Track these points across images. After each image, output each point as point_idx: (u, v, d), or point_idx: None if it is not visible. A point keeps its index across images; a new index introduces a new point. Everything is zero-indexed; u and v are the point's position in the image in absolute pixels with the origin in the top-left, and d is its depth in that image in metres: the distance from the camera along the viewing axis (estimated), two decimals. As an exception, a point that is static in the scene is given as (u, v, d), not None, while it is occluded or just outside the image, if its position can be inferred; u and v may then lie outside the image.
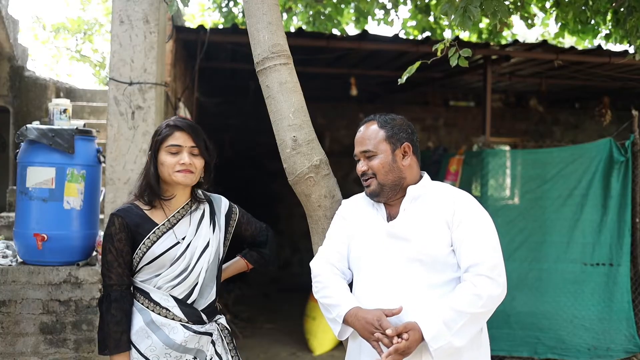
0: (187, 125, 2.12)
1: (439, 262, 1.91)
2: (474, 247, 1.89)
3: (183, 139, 2.10)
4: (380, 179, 2.00)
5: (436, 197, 2.00)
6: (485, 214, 1.99)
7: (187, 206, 2.16)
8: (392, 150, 2.02)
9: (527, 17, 5.49)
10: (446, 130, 8.88)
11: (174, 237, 2.10)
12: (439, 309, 1.81)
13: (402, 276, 1.91)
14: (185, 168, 2.08)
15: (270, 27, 2.34)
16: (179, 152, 2.09)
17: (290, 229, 8.42)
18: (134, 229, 2.06)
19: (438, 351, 1.78)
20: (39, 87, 5.53)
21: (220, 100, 8.45)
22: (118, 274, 2.04)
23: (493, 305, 1.86)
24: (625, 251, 4.87)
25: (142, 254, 2.06)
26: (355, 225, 2.08)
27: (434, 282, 1.89)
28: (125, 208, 2.11)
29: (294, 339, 5.72)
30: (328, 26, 7.35)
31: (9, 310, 3.47)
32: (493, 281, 1.84)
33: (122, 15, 3.64)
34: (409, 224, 1.96)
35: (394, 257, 1.94)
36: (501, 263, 1.90)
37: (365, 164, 2.04)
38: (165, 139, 2.09)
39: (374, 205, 2.09)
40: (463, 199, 1.99)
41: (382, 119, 2.06)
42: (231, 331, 2.25)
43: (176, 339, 2.05)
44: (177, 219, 2.13)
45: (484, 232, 1.93)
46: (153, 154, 2.10)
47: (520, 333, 5.08)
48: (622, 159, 4.86)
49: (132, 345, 2.06)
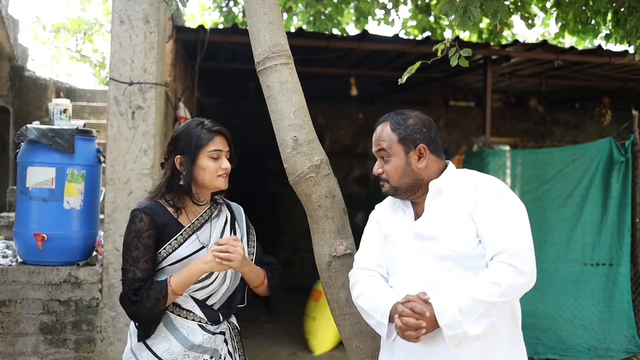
0: (224, 130, 2.10)
1: (469, 256, 1.84)
2: (495, 235, 1.80)
3: (222, 143, 2.08)
4: (394, 182, 1.96)
5: (459, 186, 1.93)
6: (512, 198, 1.89)
7: (209, 211, 2.14)
8: (406, 152, 1.95)
9: (528, 17, 5.49)
10: (446, 131, 8.87)
11: (198, 241, 2.07)
12: (456, 295, 1.76)
13: (434, 275, 1.86)
14: (225, 173, 2.07)
15: (271, 27, 2.34)
16: (219, 157, 2.07)
17: (290, 229, 8.42)
18: (161, 228, 2.02)
19: (452, 338, 1.75)
20: (39, 87, 5.53)
21: (220, 100, 8.45)
22: (144, 269, 1.99)
23: (515, 295, 1.80)
24: (625, 251, 4.86)
25: (167, 254, 2.03)
26: (387, 227, 2.04)
27: (469, 277, 1.82)
28: (150, 206, 2.05)
29: (294, 339, 5.71)
30: (328, 26, 7.35)
31: (9, 310, 3.47)
32: (515, 269, 1.75)
33: (122, 15, 3.64)
34: (434, 221, 1.91)
35: (424, 257, 1.89)
36: (526, 250, 1.80)
37: (380, 166, 2.00)
38: (206, 144, 2.05)
39: (401, 205, 2.05)
40: (484, 185, 1.91)
41: (395, 119, 1.99)
42: (239, 330, 2.24)
43: (195, 341, 2.04)
44: (200, 223, 2.10)
45: (507, 217, 1.83)
46: (191, 158, 2.04)
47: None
48: (622, 159, 4.86)
49: (147, 347, 2.03)
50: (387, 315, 1.83)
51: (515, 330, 1.93)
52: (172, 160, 2.08)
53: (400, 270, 1.96)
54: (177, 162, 2.07)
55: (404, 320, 1.74)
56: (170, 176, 2.08)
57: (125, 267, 2.00)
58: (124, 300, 1.99)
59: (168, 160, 2.11)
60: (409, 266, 1.93)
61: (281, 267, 2.30)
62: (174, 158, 2.08)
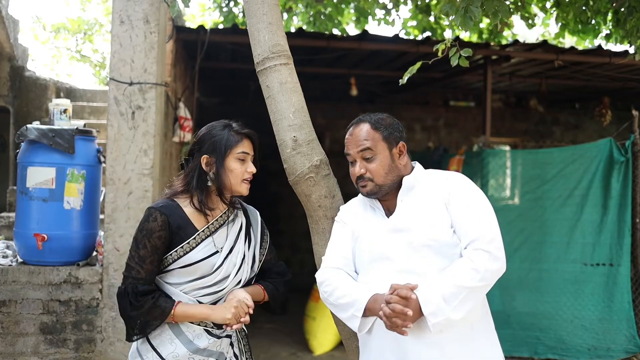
0: (252, 133, 2.09)
1: (445, 244, 1.90)
2: (470, 224, 1.90)
3: (250, 147, 2.08)
4: (379, 181, 2.00)
5: (431, 182, 2.02)
6: (479, 191, 2.00)
7: (225, 215, 2.11)
8: (390, 150, 2.02)
9: (528, 17, 5.49)
10: (446, 131, 8.88)
11: (213, 245, 2.04)
12: (437, 284, 1.81)
13: (411, 266, 1.90)
14: (250, 177, 2.07)
15: (270, 27, 2.34)
16: (246, 159, 2.06)
17: (290, 229, 8.42)
18: (175, 230, 1.99)
19: (436, 325, 1.79)
20: (39, 87, 5.53)
21: (220, 100, 8.45)
22: (149, 270, 1.96)
23: (492, 279, 1.86)
24: (625, 251, 4.87)
25: (178, 257, 1.99)
26: (357, 227, 2.07)
27: (444, 265, 1.88)
28: (168, 205, 2.01)
29: (294, 339, 5.71)
30: (328, 26, 7.35)
31: (9, 310, 3.47)
32: (490, 255, 1.84)
33: (122, 16, 3.64)
34: (409, 214, 1.97)
35: (400, 250, 1.93)
36: (498, 237, 1.90)
37: (363, 166, 2.01)
38: (235, 145, 2.03)
39: (370, 204, 2.09)
40: (456, 179, 2.01)
41: (374, 119, 2.05)
42: (246, 333, 2.23)
43: (200, 345, 2.02)
44: (216, 227, 2.07)
45: (479, 208, 1.93)
46: (221, 159, 2.02)
47: (521, 333, 5.08)
48: (622, 159, 4.86)
49: (153, 348, 2.01)
50: (362, 309, 1.88)
51: (486, 316, 2.00)
52: (197, 160, 2.04)
53: (374, 267, 1.98)
54: (203, 162, 2.03)
55: (391, 306, 1.76)
56: (197, 176, 2.03)
57: (130, 263, 1.98)
58: (123, 297, 1.96)
59: (192, 160, 2.07)
60: (383, 262, 1.96)
61: (290, 277, 2.27)
62: (199, 158, 2.04)
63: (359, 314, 1.89)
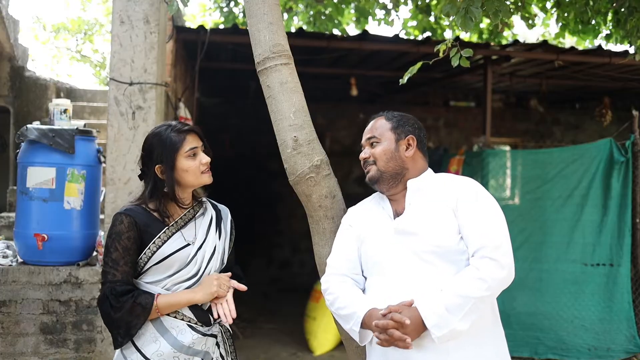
0: (194, 127, 2.12)
1: (451, 251, 1.89)
2: (477, 231, 1.87)
3: (195, 140, 2.10)
4: (381, 165, 2.03)
5: (439, 186, 2.00)
6: (488, 196, 1.97)
7: (192, 210, 2.15)
8: (396, 140, 2.05)
9: (528, 18, 5.49)
10: (446, 131, 8.88)
11: (183, 239, 2.07)
12: (441, 294, 1.79)
13: (416, 271, 1.89)
14: (207, 167, 2.09)
15: (271, 27, 2.34)
16: (197, 153, 2.08)
17: (291, 229, 8.42)
18: (143, 229, 2.03)
19: (441, 338, 1.78)
20: (40, 88, 5.53)
21: (221, 100, 8.45)
22: (124, 271, 1.99)
23: (499, 288, 1.85)
24: (625, 251, 4.87)
25: (152, 253, 2.02)
26: (363, 228, 2.07)
27: (450, 272, 1.87)
28: (132, 208, 2.07)
29: (294, 339, 5.71)
30: (329, 26, 7.35)
31: (9, 310, 3.47)
32: (497, 263, 1.82)
33: (122, 16, 3.64)
34: (416, 218, 1.95)
35: (405, 254, 1.92)
36: (505, 243, 1.87)
37: (368, 150, 2.07)
38: (181, 145, 2.05)
39: (379, 204, 2.09)
40: (465, 184, 1.99)
41: (390, 113, 2.12)
42: (232, 333, 2.24)
43: (184, 341, 2.03)
44: (184, 221, 2.11)
45: (486, 215, 1.91)
46: (170, 164, 2.05)
47: (521, 333, 5.08)
48: (623, 159, 4.86)
49: (137, 349, 2.02)
50: (359, 323, 1.88)
51: (495, 322, 1.99)
52: (152, 171, 2.08)
53: (379, 269, 1.98)
54: (157, 171, 2.07)
55: (389, 332, 1.77)
56: (153, 186, 2.08)
57: (105, 269, 2.01)
58: (103, 302, 1.98)
59: (147, 173, 2.11)
60: (388, 264, 1.95)
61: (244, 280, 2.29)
62: (153, 169, 2.07)
63: (356, 328, 1.90)
